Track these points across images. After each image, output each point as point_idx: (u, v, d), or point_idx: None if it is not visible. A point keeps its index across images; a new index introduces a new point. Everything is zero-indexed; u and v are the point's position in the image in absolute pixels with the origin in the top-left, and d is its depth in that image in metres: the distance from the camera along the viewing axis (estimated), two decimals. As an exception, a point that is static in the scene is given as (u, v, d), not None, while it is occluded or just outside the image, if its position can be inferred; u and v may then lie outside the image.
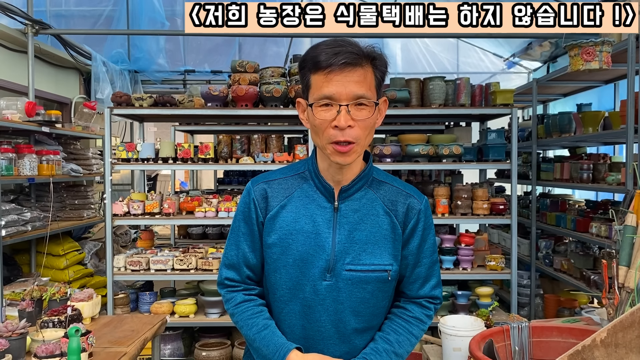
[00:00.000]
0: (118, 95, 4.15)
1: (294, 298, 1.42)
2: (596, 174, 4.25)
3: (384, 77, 1.39)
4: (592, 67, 3.30)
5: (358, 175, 1.43)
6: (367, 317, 1.43)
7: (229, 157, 4.25)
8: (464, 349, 2.17)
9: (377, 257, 1.40)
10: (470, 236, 4.26)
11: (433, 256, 1.50)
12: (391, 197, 1.45)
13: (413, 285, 1.49)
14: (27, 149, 4.10)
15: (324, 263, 1.39)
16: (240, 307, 1.46)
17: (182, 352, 4.26)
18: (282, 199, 1.44)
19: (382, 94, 1.42)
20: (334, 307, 1.40)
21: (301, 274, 1.40)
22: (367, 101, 1.32)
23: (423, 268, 1.48)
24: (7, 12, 4.68)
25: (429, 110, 4.19)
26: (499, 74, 7.81)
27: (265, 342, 1.39)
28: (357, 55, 1.30)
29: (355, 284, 1.39)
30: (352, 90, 1.30)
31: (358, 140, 1.33)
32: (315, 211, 1.42)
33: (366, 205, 1.43)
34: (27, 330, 2.13)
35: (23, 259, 4.65)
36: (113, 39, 6.65)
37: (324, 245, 1.39)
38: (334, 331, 1.41)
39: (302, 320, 1.42)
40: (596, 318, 2.28)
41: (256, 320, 1.43)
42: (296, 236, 1.40)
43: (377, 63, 1.35)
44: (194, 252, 4.28)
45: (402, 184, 1.50)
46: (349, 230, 1.40)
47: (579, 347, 1.42)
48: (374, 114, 1.35)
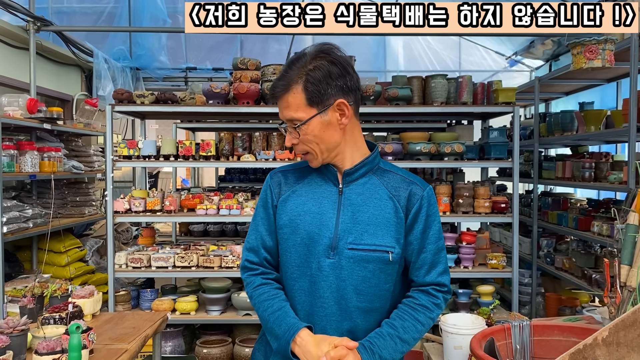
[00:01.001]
0: (119, 92, 4.14)
1: (302, 275, 1.52)
2: (598, 172, 4.24)
3: (321, 85, 1.45)
4: (595, 65, 3.29)
5: (361, 161, 1.54)
6: (369, 296, 1.49)
7: (230, 154, 4.25)
8: (465, 347, 2.16)
9: (379, 238, 1.48)
10: (471, 234, 4.25)
11: (438, 243, 1.54)
12: (395, 184, 1.53)
13: (419, 271, 1.54)
14: (28, 146, 4.10)
15: (327, 241, 1.48)
16: (258, 289, 1.57)
17: (183, 350, 4.26)
18: (293, 184, 1.58)
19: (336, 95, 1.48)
20: (336, 284, 1.48)
21: (308, 252, 1.50)
22: (297, 122, 1.47)
23: (428, 254, 1.53)
24: (8, 9, 4.68)
25: (431, 108, 4.18)
26: (501, 72, 7.79)
27: (278, 322, 1.48)
28: (282, 84, 1.48)
29: (357, 262, 1.47)
30: (285, 116, 1.50)
31: (308, 151, 1.51)
32: (322, 194, 1.54)
33: (370, 190, 1.52)
34: (28, 327, 2.13)
35: (25, 255, 4.65)
36: (115, 36, 6.65)
37: (328, 224, 1.49)
38: (336, 308, 1.49)
39: (309, 297, 1.51)
40: (597, 317, 2.28)
41: (272, 302, 1.52)
42: (304, 217, 1.52)
43: (309, 78, 1.45)
44: (195, 249, 4.28)
45: (406, 173, 1.58)
46: (352, 211, 1.50)
47: (581, 345, 1.42)
48: (312, 127, 1.47)
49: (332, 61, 1.48)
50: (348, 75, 1.50)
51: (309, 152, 1.52)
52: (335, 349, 1.41)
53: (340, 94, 1.48)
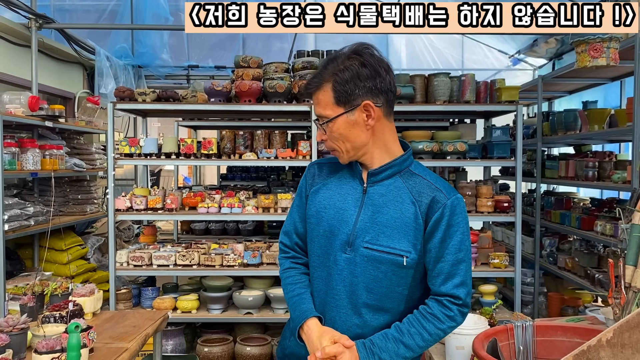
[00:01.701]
0: (121, 90, 4.13)
1: (322, 266, 1.59)
2: (601, 171, 4.22)
3: (348, 85, 1.50)
4: (599, 63, 3.28)
5: (388, 162, 1.57)
6: (379, 296, 1.53)
7: (232, 152, 4.23)
8: (467, 347, 2.15)
9: (395, 241, 1.50)
10: (474, 234, 4.24)
11: (458, 255, 1.52)
12: (419, 189, 1.54)
13: (435, 280, 1.54)
14: (30, 144, 4.09)
15: (345, 237, 1.54)
16: (286, 272, 1.68)
17: (184, 348, 4.25)
18: (326, 177, 1.66)
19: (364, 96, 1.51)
20: (349, 279, 1.53)
21: (328, 244, 1.57)
22: (325, 119, 1.54)
23: (446, 264, 1.51)
24: (10, 6, 4.67)
25: (434, 106, 4.16)
26: (504, 71, 7.77)
27: (294, 307, 1.59)
28: (315, 82, 1.55)
29: (370, 261, 1.51)
30: (316, 112, 1.58)
31: (335, 148, 1.58)
32: (348, 190, 1.59)
33: (393, 192, 1.55)
34: (28, 326, 2.12)
35: (26, 253, 4.65)
36: (117, 34, 6.64)
37: (348, 220, 1.54)
38: (347, 301, 1.54)
39: (325, 287, 1.58)
40: (601, 317, 2.26)
41: (294, 287, 1.63)
42: (328, 210, 1.59)
43: (338, 78, 1.51)
44: (196, 247, 4.27)
45: (435, 179, 1.58)
46: (373, 211, 1.53)
47: (585, 347, 1.40)
48: (338, 125, 1.53)
49: (362, 63, 1.51)
50: (379, 77, 1.52)
51: (335, 149, 1.58)
52: (332, 346, 1.45)
53: (368, 95, 1.51)
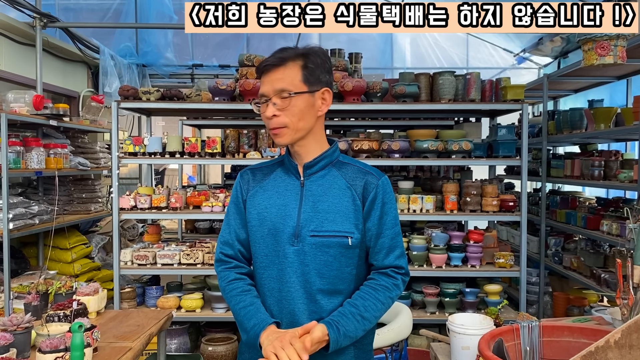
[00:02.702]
0: (125, 88, 4.13)
1: (271, 264, 1.63)
2: (607, 171, 4.19)
3: (317, 69, 1.61)
4: (606, 61, 3.25)
5: (320, 154, 1.66)
6: (331, 279, 1.60)
7: (236, 151, 4.23)
8: (473, 347, 2.14)
9: (339, 225, 1.59)
10: (479, 233, 4.22)
11: (395, 228, 1.66)
12: (352, 174, 1.66)
13: (378, 255, 1.65)
14: (34, 143, 4.10)
15: (291, 230, 1.60)
16: (232, 284, 1.67)
17: (188, 347, 4.25)
18: (260, 180, 1.71)
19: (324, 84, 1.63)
20: (301, 269, 1.59)
21: (275, 242, 1.62)
22: (288, 93, 1.57)
23: (386, 239, 1.64)
24: (15, 5, 4.68)
25: (439, 105, 4.14)
26: (509, 70, 7.73)
27: (248, 317, 1.58)
28: (279, 57, 1.59)
29: (318, 248, 1.59)
30: (275, 86, 1.58)
31: (287, 124, 1.59)
32: (285, 187, 1.66)
33: (329, 181, 1.65)
34: (32, 324, 2.12)
35: (31, 252, 4.66)
36: (121, 33, 6.64)
37: (291, 214, 1.61)
38: (302, 291, 1.60)
39: (278, 283, 1.62)
40: (607, 317, 2.24)
41: (244, 297, 1.63)
42: (270, 209, 1.64)
43: (311, 58, 1.60)
44: (200, 246, 4.26)
45: (363, 165, 1.70)
46: (313, 201, 1.62)
47: (592, 348, 1.39)
48: (300, 101, 1.58)
49: (325, 58, 1.65)
50: (332, 75, 1.69)
51: (287, 126, 1.60)
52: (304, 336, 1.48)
53: (326, 84, 1.65)
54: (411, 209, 4.13)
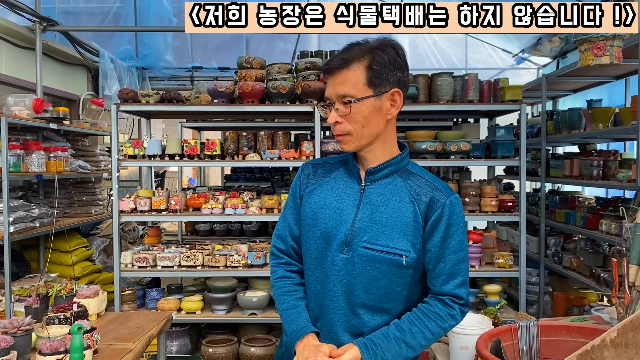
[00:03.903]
0: (125, 91, 4.14)
1: (318, 267, 1.56)
2: (606, 170, 4.20)
3: (385, 69, 1.47)
4: (602, 62, 3.26)
5: (386, 161, 1.55)
6: (378, 296, 1.50)
7: (235, 153, 4.24)
8: (471, 347, 2.15)
9: (394, 241, 1.48)
10: (478, 233, 4.23)
11: (459, 254, 1.51)
12: (418, 188, 1.52)
13: (436, 280, 1.52)
14: (35, 146, 4.11)
15: (343, 237, 1.51)
16: (279, 282, 1.64)
17: (189, 349, 4.26)
18: (321, 178, 1.62)
19: (394, 84, 1.50)
20: (347, 279, 1.50)
21: (325, 245, 1.54)
22: (351, 98, 1.47)
23: (447, 264, 1.50)
24: (15, 9, 4.69)
25: (437, 106, 4.15)
26: (508, 70, 7.74)
27: (289, 320, 1.54)
28: (343, 58, 1.48)
29: (368, 261, 1.48)
30: (338, 91, 1.48)
31: (350, 132, 1.50)
32: (345, 190, 1.56)
33: (391, 191, 1.52)
34: (32, 327, 2.13)
35: (32, 255, 4.67)
36: (121, 36, 6.66)
37: (346, 220, 1.51)
38: (345, 302, 1.51)
39: (322, 289, 1.55)
40: (606, 317, 2.25)
41: (288, 298, 1.59)
42: (325, 210, 1.55)
43: (376, 57, 1.47)
44: (200, 248, 4.27)
45: (433, 178, 1.56)
46: (371, 210, 1.51)
47: (588, 347, 1.40)
48: (364, 107, 1.47)
49: (397, 53, 1.50)
50: (407, 71, 1.54)
51: (350, 133, 1.51)
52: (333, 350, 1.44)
53: (397, 84, 1.51)
54: (410, 210, 4.13)
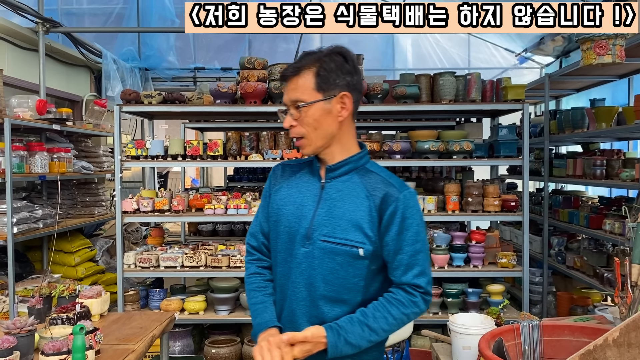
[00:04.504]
0: (127, 92, 4.15)
1: (283, 261, 1.66)
2: (610, 170, 4.18)
3: (332, 74, 1.58)
4: (605, 61, 3.25)
5: (345, 159, 1.64)
6: (336, 287, 1.58)
7: (238, 154, 4.24)
8: (474, 347, 2.14)
9: (350, 234, 1.57)
10: (481, 233, 4.22)
11: (416, 245, 1.58)
12: (373, 184, 1.61)
13: (396, 271, 1.60)
14: (38, 147, 4.12)
15: (304, 231, 1.60)
16: (251, 278, 1.74)
17: (192, 349, 4.27)
18: (288, 177, 1.72)
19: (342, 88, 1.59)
20: (308, 272, 1.59)
21: (289, 240, 1.63)
22: (301, 103, 1.57)
23: (404, 256, 1.58)
24: (18, 11, 4.71)
25: (439, 106, 4.14)
26: (511, 70, 7.72)
27: (255, 315, 1.65)
28: (295, 67, 1.59)
29: (327, 253, 1.57)
30: (290, 97, 1.60)
31: (304, 134, 1.61)
32: (307, 188, 1.66)
33: (349, 187, 1.62)
34: (35, 327, 2.14)
35: (35, 256, 4.68)
36: (124, 37, 6.68)
37: (307, 215, 1.61)
38: (306, 294, 1.60)
39: (286, 281, 1.65)
40: (609, 316, 2.24)
41: (257, 294, 1.69)
42: (288, 207, 1.65)
43: (323, 65, 1.58)
44: (203, 249, 4.28)
45: (388, 175, 1.65)
46: (330, 206, 1.60)
47: (591, 346, 1.39)
48: (313, 110, 1.58)
49: (345, 59, 1.61)
50: (356, 75, 1.63)
51: (304, 136, 1.61)
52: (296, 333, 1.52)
53: (345, 88, 1.60)
54: (413, 210, 4.12)
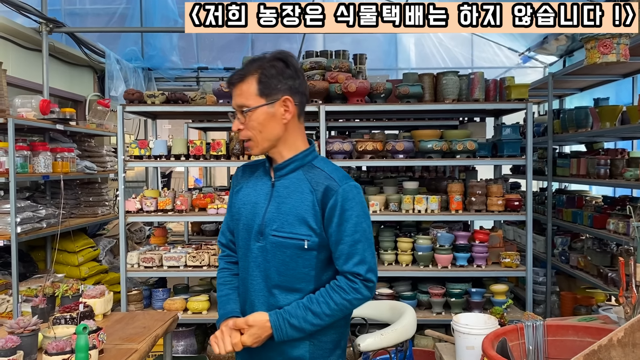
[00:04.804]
0: (130, 92, 4.16)
1: (243, 256, 1.79)
2: (614, 169, 4.17)
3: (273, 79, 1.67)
4: (609, 59, 3.24)
5: (290, 157, 1.75)
6: (288, 277, 1.71)
7: (240, 154, 4.24)
8: (477, 347, 2.14)
9: (296, 228, 1.69)
10: (484, 233, 4.21)
11: (355, 235, 1.68)
12: (317, 179, 1.72)
13: (338, 261, 1.71)
14: (41, 147, 4.13)
15: (257, 227, 1.73)
16: (220, 273, 1.91)
17: (195, 349, 4.27)
18: (247, 178, 1.85)
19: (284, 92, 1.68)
20: (263, 265, 1.73)
21: (247, 236, 1.76)
22: (246, 108, 1.69)
23: (345, 246, 1.68)
24: (21, 11, 4.72)
25: (442, 105, 4.14)
26: (514, 69, 7.70)
27: (220, 306, 1.82)
28: (240, 74, 1.71)
29: (278, 247, 1.70)
30: (236, 102, 1.72)
31: (251, 137, 1.72)
32: (261, 187, 1.78)
33: (295, 184, 1.73)
34: (38, 327, 2.14)
35: (39, 255, 4.70)
36: (127, 37, 6.68)
37: (259, 213, 1.74)
38: (263, 284, 1.74)
39: (246, 274, 1.78)
40: (613, 316, 2.23)
41: (223, 287, 1.86)
42: (246, 206, 1.79)
43: (264, 72, 1.68)
44: (206, 248, 4.28)
45: (331, 170, 1.74)
46: (278, 202, 1.72)
47: (595, 346, 1.39)
48: (258, 115, 1.68)
49: (286, 64, 1.71)
50: (298, 79, 1.72)
51: (251, 139, 1.72)
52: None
53: (288, 92, 1.70)
54: (416, 210, 4.12)
